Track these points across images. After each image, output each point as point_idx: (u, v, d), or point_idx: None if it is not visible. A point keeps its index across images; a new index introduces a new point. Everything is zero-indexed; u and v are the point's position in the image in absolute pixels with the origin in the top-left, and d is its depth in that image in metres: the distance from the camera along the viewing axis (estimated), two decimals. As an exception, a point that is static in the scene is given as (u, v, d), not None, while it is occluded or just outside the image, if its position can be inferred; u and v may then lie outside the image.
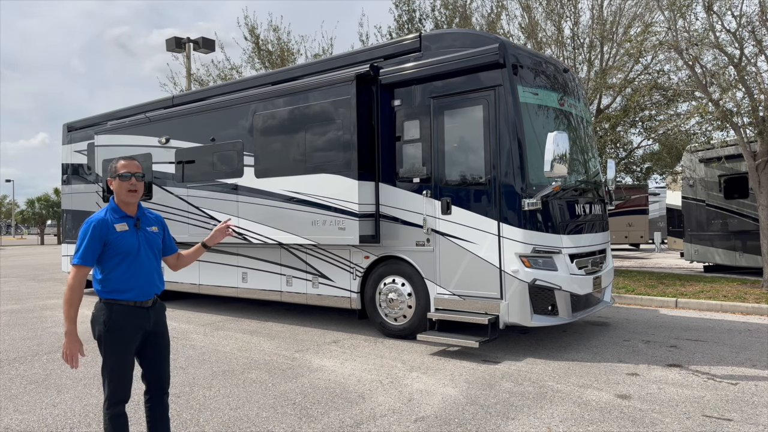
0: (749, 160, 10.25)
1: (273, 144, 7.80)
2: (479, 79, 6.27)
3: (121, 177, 2.99)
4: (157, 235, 3.16)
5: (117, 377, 3.03)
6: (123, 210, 3.04)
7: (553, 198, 6.12)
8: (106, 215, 3.00)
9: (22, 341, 7.10)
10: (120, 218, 3.01)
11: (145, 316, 3.06)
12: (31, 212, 55.11)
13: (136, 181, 3.02)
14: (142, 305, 3.05)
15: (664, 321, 7.96)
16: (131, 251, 2.99)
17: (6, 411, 4.48)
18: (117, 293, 3.01)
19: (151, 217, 3.20)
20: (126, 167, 3.02)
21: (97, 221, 2.96)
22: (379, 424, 4.05)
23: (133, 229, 3.03)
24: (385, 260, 7.04)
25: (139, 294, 3.03)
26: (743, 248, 12.70)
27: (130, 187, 3.00)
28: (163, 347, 3.18)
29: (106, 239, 2.95)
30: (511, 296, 5.94)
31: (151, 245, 3.10)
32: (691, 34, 9.95)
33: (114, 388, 3.03)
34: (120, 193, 3.02)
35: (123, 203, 3.04)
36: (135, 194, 3.03)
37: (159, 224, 3.22)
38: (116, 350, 3.02)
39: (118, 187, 3.01)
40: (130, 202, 3.05)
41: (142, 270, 3.03)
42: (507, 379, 5.10)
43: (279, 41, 16.63)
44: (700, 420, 4.06)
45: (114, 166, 3.04)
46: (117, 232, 2.97)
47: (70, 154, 12.22)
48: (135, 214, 3.08)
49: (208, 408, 4.45)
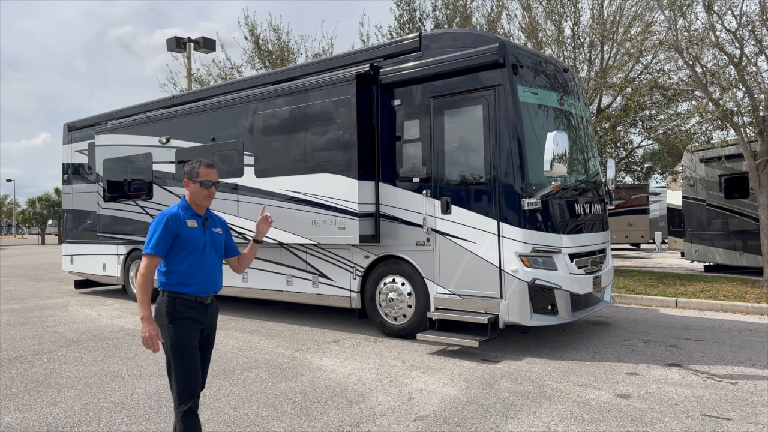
0: (749, 159, 10.25)
1: (273, 144, 7.80)
2: (479, 78, 6.28)
3: (203, 184, 3.19)
4: (221, 237, 3.31)
5: (184, 370, 3.02)
6: (194, 210, 3.22)
7: (553, 197, 6.13)
8: (177, 210, 3.16)
9: (22, 340, 7.11)
10: (190, 216, 3.18)
11: (204, 313, 3.15)
12: (31, 212, 55.18)
13: (215, 189, 3.26)
14: (202, 301, 3.15)
15: (664, 320, 7.96)
16: (198, 247, 3.13)
17: (6, 410, 4.49)
18: (180, 286, 3.09)
19: (216, 219, 3.37)
20: (208, 176, 3.20)
21: (171, 215, 3.10)
22: (378, 423, 4.06)
23: (201, 228, 3.19)
24: (385, 260, 7.04)
25: (200, 289, 3.13)
26: (744, 248, 12.70)
27: (209, 194, 3.21)
28: (208, 348, 3.26)
29: (177, 233, 3.09)
30: (511, 296, 5.94)
31: (216, 245, 3.24)
32: (692, 34, 9.94)
33: (183, 382, 3.02)
34: (197, 196, 3.20)
35: (196, 205, 3.23)
36: (210, 200, 3.25)
37: (223, 226, 3.37)
38: (181, 343, 3.03)
39: (196, 191, 3.20)
40: (205, 206, 3.26)
41: (205, 267, 3.14)
42: (506, 379, 5.11)
43: (279, 41, 16.65)
44: (699, 419, 4.07)
45: (196, 170, 3.20)
46: (188, 227, 3.12)
47: (70, 154, 12.23)
48: (203, 214, 3.25)
49: (208, 407, 4.46)
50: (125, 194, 10.24)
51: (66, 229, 12.45)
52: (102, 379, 5.27)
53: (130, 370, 5.61)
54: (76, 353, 6.36)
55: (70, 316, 8.94)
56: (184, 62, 18.03)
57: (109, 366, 5.76)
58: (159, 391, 4.87)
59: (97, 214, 10.81)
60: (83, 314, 9.16)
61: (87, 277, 11.92)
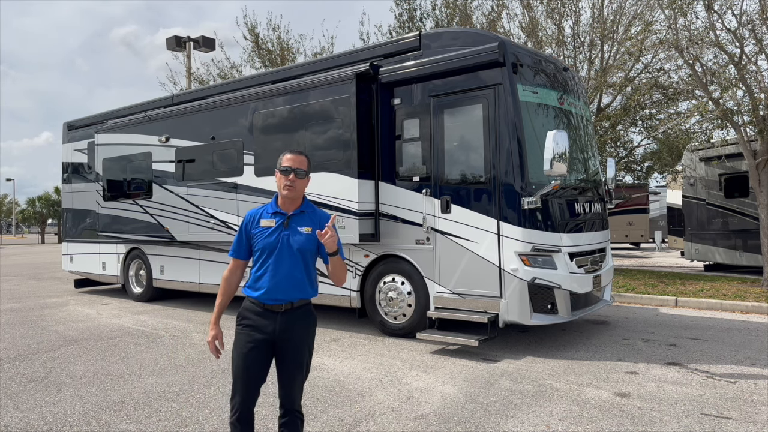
0: (749, 158, 10.25)
1: (273, 142, 7.80)
2: (479, 77, 6.27)
3: (282, 171, 2.85)
4: (307, 237, 2.84)
5: (235, 380, 2.81)
6: (279, 205, 2.89)
7: (553, 197, 6.12)
8: (262, 209, 2.92)
9: (22, 339, 7.11)
10: (272, 213, 2.87)
11: (271, 321, 2.79)
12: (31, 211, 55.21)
13: (295, 177, 2.84)
14: (271, 309, 2.80)
15: (663, 320, 7.96)
16: (267, 248, 2.81)
17: (6, 409, 4.49)
18: (249, 290, 2.86)
19: (311, 216, 2.92)
20: (289, 161, 2.86)
21: (249, 214, 2.90)
22: (378, 422, 4.06)
23: (280, 227, 2.83)
24: (384, 259, 7.04)
25: (267, 295, 2.79)
26: (743, 247, 12.70)
27: (288, 182, 2.83)
28: (290, 361, 2.83)
29: (249, 232, 2.87)
30: (511, 295, 5.94)
31: (295, 246, 2.81)
32: (692, 33, 9.94)
33: (233, 390, 2.82)
34: (279, 185, 2.88)
35: (282, 197, 2.89)
36: (292, 189, 2.84)
37: (317, 225, 2.85)
38: (238, 347, 2.82)
39: (278, 180, 2.88)
40: (287, 197, 2.86)
41: (276, 271, 2.80)
42: (506, 378, 5.11)
43: (279, 40, 16.64)
44: (699, 418, 4.07)
45: (280, 158, 2.90)
46: (260, 227, 2.84)
47: (70, 153, 12.22)
48: (291, 211, 2.88)
49: (207, 406, 4.46)
50: (125, 193, 10.23)
51: (66, 229, 12.44)
52: (101, 378, 5.27)
53: (130, 369, 5.61)
54: (76, 352, 6.36)
55: (70, 315, 8.94)
56: (184, 61, 18.05)
57: (108, 365, 5.76)
58: (158, 391, 4.87)
59: (97, 213, 10.80)
60: (83, 313, 9.16)
61: (87, 277, 11.91)
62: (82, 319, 8.57)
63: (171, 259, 9.74)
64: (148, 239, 9.77)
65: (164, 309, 9.44)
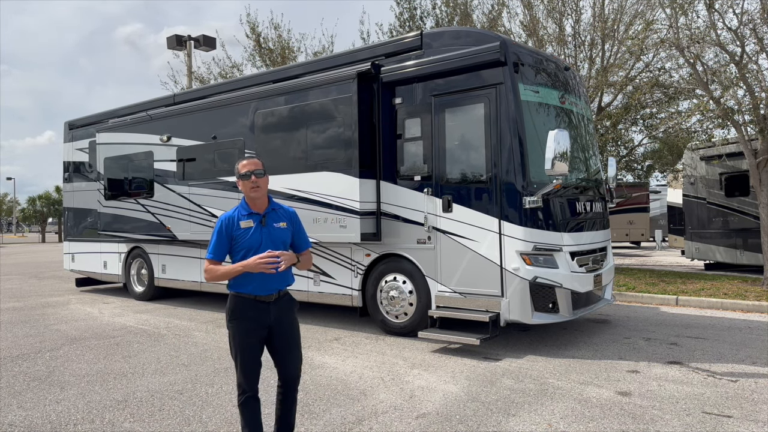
0: (750, 157, 10.25)
1: (274, 142, 7.81)
2: (480, 76, 6.28)
3: (242, 176, 3.15)
4: (284, 231, 3.21)
5: (240, 368, 3.15)
6: (250, 207, 3.18)
7: (554, 196, 6.13)
8: (235, 212, 3.19)
9: (24, 338, 7.12)
10: (247, 215, 3.17)
11: (266, 311, 3.14)
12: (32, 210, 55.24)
13: (256, 178, 3.13)
14: (263, 300, 3.14)
15: (664, 318, 7.97)
16: (252, 247, 3.10)
17: (10, 408, 4.51)
18: (238, 287, 3.15)
19: (282, 213, 3.27)
20: (245, 167, 3.16)
21: (225, 218, 3.17)
22: (380, 421, 4.08)
23: (258, 226, 3.14)
24: (386, 258, 7.05)
25: (258, 288, 3.12)
26: (744, 246, 12.71)
27: (252, 184, 3.14)
28: (286, 342, 3.23)
29: (232, 235, 3.14)
30: (512, 294, 5.95)
31: (275, 241, 3.15)
32: (693, 32, 9.94)
33: (239, 378, 3.17)
34: (245, 191, 3.17)
35: (249, 199, 3.18)
36: (258, 189, 3.15)
37: (289, 220, 3.26)
38: (238, 341, 3.14)
39: (242, 187, 3.18)
40: (254, 197, 3.17)
41: None
42: (508, 376, 5.12)
43: (280, 39, 16.64)
44: (700, 417, 4.08)
45: (237, 168, 3.20)
46: (241, 228, 3.13)
47: (71, 152, 12.23)
48: (263, 210, 3.19)
49: (210, 404, 4.48)
50: (126, 192, 10.25)
51: (67, 228, 12.45)
52: (104, 377, 5.29)
53: (133, 367, 5.62)
54: (78, 351, 6.38)
55: (72, 314, 8.96)
56: (185, 60, 18.04)
57: (111, 364, 5.78)
58: (161, 389, 4.89)
59: (98, 212, 10.82)
60: (85, 312, 9.18)
61: (88, 275, 11.93)
62: (84, 318, 8.58)
63: (172, 258, 9.75)
64: (150, 238, 9.78)
65: (166, 308, 9.46)
